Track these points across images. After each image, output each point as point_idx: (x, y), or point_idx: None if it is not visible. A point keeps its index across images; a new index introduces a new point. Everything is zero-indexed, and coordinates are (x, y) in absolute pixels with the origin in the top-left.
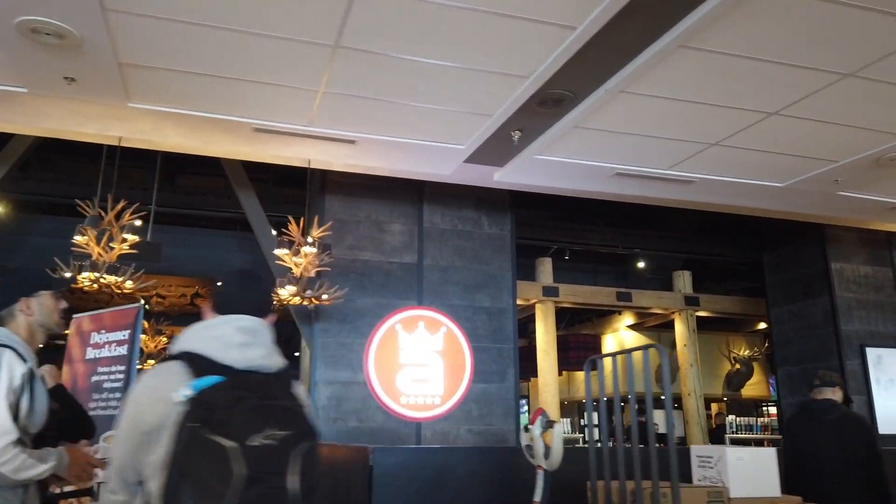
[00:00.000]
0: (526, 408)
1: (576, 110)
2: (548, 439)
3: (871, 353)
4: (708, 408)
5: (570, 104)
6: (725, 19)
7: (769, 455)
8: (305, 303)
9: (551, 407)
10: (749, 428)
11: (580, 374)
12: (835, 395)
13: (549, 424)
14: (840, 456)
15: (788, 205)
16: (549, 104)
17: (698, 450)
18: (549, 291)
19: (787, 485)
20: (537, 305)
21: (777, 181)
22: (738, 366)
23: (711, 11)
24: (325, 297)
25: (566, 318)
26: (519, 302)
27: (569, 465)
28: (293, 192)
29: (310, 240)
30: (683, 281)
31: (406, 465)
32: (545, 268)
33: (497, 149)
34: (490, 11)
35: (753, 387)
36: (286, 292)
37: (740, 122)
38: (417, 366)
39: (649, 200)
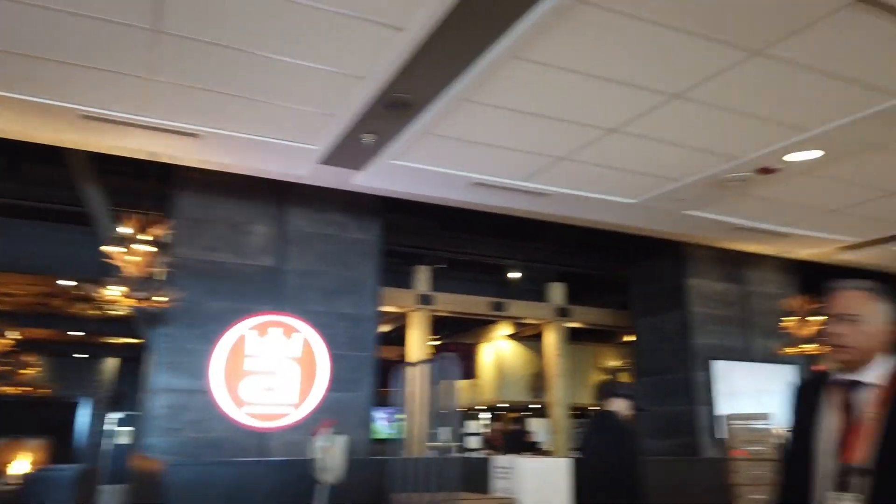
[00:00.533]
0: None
1: (423, 117)
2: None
3: (719, 366)
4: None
5: (417, 110)
6: (551, 33)
7: (562, 465)
8: (140, 304)
9: (418, 416)
10: None
11: (461, 384)
12: (613, 405)
13: (331, 438)
14: (605, 463)
15: (642, 221)
16: (396, 108)
17: (499, 460)
18: (425, 299)
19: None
20: (412, 313)
21: (629, 198)
22: (607, 376)
23: (537, 24)
24: (159, 298)
25: (447, 327)
26: (394, 309)
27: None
28: (156, 187)
29: (147, 238)
30: (557, 293)
31: (203, 481)
32: (422, 276)
33: (351, 151)
34: (315, 6)
35: None
36: (115, 292)
37: (583, 137)
38: (268, 374)
39: (511, 211)
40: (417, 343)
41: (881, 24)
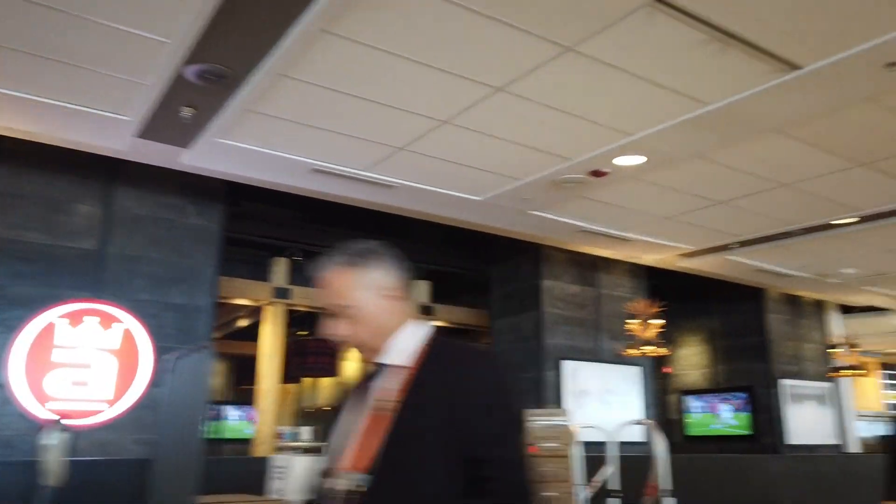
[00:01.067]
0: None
1: (242, 91)
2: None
3: (569, 366)
4: None
5: (234, 83)
6: (355, 7)
7: None
8: None
9: (269, 415)
10: None
11: (325, 381)
12: None
13: (54, 435)
14: None
15: (494, 220)
16: (210, 80)
17: (277, 460)
18: (280, 293)
19: None
20: (267, 307)
21: (474, 195)
22: None
23: None
24: None
25: (313, 323)
26: (247, 302)
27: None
28: None
29: None
30: (422, 291)
31: None
32: (280, 268)
33: (170, 126)
34: None
35: None
36: None
37: (416, 127)
38: (80, 367)
39: (360, 203)
40: (272, 338)
41: (681, 28)
